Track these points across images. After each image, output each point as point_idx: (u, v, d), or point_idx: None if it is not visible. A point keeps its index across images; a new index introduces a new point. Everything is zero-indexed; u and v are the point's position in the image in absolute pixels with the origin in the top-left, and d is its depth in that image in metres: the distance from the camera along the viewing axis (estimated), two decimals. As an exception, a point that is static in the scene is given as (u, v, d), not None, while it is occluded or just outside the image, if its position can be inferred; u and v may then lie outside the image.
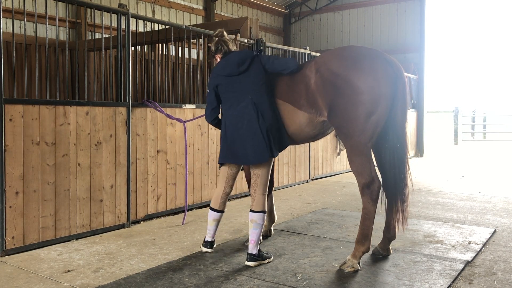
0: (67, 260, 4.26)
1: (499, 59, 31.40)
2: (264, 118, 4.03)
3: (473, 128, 21.63)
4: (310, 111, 4.13)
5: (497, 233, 5.21)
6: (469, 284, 3.69)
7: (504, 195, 7.56)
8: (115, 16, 5.51)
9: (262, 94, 4.09)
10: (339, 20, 16.05)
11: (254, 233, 4.08)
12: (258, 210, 4.10)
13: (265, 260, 4.13)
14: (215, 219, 4.35)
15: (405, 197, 4.15)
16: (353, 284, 3.67)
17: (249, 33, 7.74)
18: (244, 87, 4.09)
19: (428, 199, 7.21)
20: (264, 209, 4.13)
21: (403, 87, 3.97)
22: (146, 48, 8.11)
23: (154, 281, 3.73)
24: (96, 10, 5.55)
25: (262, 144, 3.99)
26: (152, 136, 5.86)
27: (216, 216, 4.35)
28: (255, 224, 4.08)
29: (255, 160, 4.03)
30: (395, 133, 4.02)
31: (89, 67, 9.32)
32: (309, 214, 6.12)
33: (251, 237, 4.10)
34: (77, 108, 4.98)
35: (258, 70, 4.13)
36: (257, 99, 4.06)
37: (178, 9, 12.72)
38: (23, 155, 4.50)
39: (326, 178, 9.60)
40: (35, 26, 5.40)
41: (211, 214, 4.36)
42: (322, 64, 4.06)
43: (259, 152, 4.01)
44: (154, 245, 4.76)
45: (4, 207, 4.35)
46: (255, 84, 4.09)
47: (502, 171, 10.96)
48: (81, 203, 5.01)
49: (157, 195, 5.91)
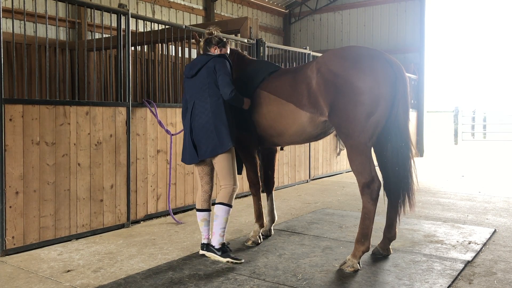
0: (67, 260, 4.26)
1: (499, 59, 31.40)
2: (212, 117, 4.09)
3: (473, 128, 21.63)
4: (312, 111, 4.15)
5: (497, 233, 5.21)
6: (469, 284, 3.69)
7: (504, 195, 7.55)
8: (115, 16, 5.51)
9: (206, 97, 4.15)
10: (339, 20, 16.04)
11: (214, 224, 4.18)
12: (218, 202, 4.18)
13: (224, 259, 4.10)
14: (202, 219, 4.36)
15: (411, 195, 4.17)
16: (353, 284, 3.67)
17: (249, 33, 7.74)
18: (193, 91, 4.25)
19: (428, 199, 7.20)
20: (224, 201, 4.16)
21: (404, 87, 3.96)
22: (146, 48, 8.11)
23: (154, 281, 3.73)
24: (96, 10, 5.55)
25: (213, 140, 4.08)
26: (152, 136, 5.86)
27: (202, 216, 4.36)
28: (215, 216, 4.18)
29: (205, 154, 4.14)
30: (398, 133, 4.02)
31: (89, 67, 9.32)
32: (309, 214, 6.12)
33: (213, 228, 4.21)
34: (77, 108, 4.98)
35: (204, 74, 4.18)
36: (200, 103, 4.16)
37: (178, 9, 12.72)
38: (23, 155, 4.50)
39: (326, 178, 9.60)
40: (35, 26, 5.40)
41: (198, 215, 4.40)
42: (323, 64, 4.08)
43: (211, 147, 4.10)
44: (154, 245, 4.76)
45: (4, 207, 4.35)
46: (199, 88, 4.20)
47: (502, 171, 10.96)
48: (81, 203, 5.01)
49: (157, 195, 5.91)
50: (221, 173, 4.17)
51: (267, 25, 16.37)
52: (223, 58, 4.27)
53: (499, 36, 33.31)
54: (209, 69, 4.18)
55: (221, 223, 4.16)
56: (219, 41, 4.46)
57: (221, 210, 4.16)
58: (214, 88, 4.16)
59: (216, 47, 4.44)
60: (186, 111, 4.34)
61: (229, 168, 4.17)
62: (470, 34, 34.94)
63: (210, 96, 4.15)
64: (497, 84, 31.30)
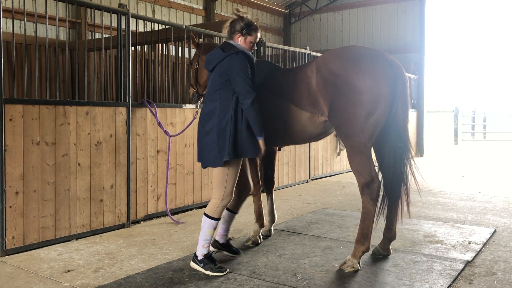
0: (67, 260, 4.26)
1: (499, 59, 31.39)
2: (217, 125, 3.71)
3: (473, 128, 21.62)
4: (312, 111, 4.15)
5: (497, 233, 5.21)
6: (469, 284, 3.69)
7: (504, 195, 7.55)
8: (115, 16, 5.51)
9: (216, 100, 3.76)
10: (339, 20, 16.04)
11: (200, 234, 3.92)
12: (204, 212, 3.90)
13: (206, 271, 3.80)
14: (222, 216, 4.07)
15: (408, 195, 4.18)
16: (353, 284, 3.67)
17: (249, 33, 7.73)
18: (208, 89, 3.89)
19: (428, 199, 7.20)
20: (208, 212, 3.85)
21: (404, 87, 3.96)
22: (146, 48, 8.11)
23: (154, 281, 3.73)
24: (96, 10, 5.55)
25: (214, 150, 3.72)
26: (152, 136, 5.86)
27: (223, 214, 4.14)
28: (201, 226, 3.91)
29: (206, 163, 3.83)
30: (397, 133, 4.03)
31: (89, 67, 9.31)
32: (309, 214, 6.12)
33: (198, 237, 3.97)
34: (77, 108, 4.98)
35: (217, 74, 3.75)
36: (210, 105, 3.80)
37: (178, 9, 12.72)
38: (23, 155, 4.50)
39: (326, 178, 9.60)
40: (35, 26, 5.40)
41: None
42: (322, 64, 4.08)
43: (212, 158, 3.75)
44: (154, 245, 4.76)
45: (4, 207, 4.35)
46: (211, 88, 3.84)
47: (502, 171, 10.96)
48: (81, 203, 5.01)
49: (157, 195, 5.91)
50: (214, 182, 3.87)
51: (267, 25, 16.37)
52: (242, 56, 3.69)
53: (499, 36, 33.31)
54: (222, 69, 3.72)
55: (203, 235, 3.86)
56: (243, 27, 3.78)
57: (203, 221, 3.87)
58: (226, 91, 3.71)
59: (240, 35, 3.82)
60: None
61: (221, 180, 3.79)
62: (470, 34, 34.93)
63: (220, 99, 3.73)
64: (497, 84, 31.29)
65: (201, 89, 5.08)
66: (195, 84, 5.02)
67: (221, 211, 3.88)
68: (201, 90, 5.09)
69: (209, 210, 3.87)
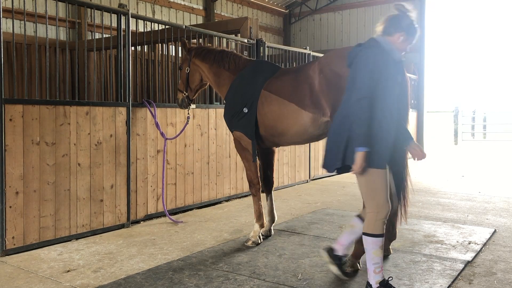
0: (67, 260, 4.26)
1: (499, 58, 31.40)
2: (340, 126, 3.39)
3: (473, 128, 21.61)
4: (314, 112, 4.16)
5: (497, 233, 5.20)
6: (469, 284, 3.69)
7: (504, 195, 7.55)
8: (115, 16, 5.51)
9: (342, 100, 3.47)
10: (339, 20, 16.05)
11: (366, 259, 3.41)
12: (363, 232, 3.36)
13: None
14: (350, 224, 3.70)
15: (406, 196, 4.17)
16: (353, 284, 3.67)
17: (249, 33, 7.75)
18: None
19: (428, 199, 7.20)
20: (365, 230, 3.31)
21: (404, 87, 3.96)
22: (146, 48, 8.11)
23: (154, 281, 3.73)
24: (96, 10, 5.55)
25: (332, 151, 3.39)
26: (152, 136, 5.86)
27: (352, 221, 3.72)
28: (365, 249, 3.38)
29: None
30: None
31: (89, 67, 9.32)
32: (309, 214, 6.12)
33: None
34: (77, 108, 4.98)
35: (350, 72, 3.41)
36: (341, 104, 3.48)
37: (178, 9, 12.73)
38: (23, 155, 4.50)
39: (326, 178, 9.60)
40: (35, 26, 5.40)
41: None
42: (325, 65, 4.09)
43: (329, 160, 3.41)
44: (154, 245, 4.76)
45: (4, 207, 4.35)
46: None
47: (502, 171, 10.96)
48: (81, 203, 5.01)
49: (157, 195, 5.91)
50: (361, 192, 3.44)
51: (267, 25, 16.37)
52: (367, 51, 3.30)
53: (499, 36, 33.29)
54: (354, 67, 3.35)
55: (370, 258, 3.30)
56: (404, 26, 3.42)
57: (364, 242, 3.33)
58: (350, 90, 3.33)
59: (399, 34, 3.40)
60: None
61: (369, 190, 3.30)
62: (470, 34, 34.91)
63: (344, 100, 3.42)
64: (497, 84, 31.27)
65: (192, 94, 5.15)
66: (186, 88, 5.08)
67: (379, 225, 3.27)
68: (192, 94, 5.16)
69: (365, 226, 3.34)
